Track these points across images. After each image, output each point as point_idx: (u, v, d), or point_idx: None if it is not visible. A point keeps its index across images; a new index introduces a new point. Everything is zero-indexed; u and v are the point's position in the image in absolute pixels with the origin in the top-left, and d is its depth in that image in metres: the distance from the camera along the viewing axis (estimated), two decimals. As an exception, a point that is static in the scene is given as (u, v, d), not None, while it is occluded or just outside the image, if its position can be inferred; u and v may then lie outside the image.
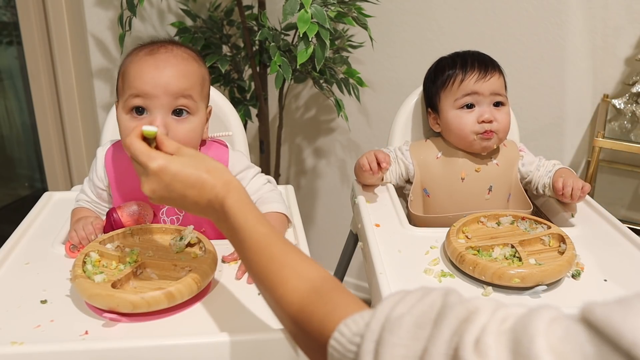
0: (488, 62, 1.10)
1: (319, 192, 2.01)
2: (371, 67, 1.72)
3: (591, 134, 1.51)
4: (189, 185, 0.62)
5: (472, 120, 1.07)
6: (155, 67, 0.83)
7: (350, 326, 0.47)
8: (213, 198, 0.61)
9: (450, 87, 1.09)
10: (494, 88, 1.07)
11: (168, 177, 0.62)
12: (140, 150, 0.64)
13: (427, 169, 1.12)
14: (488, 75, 1.08)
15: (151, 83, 0.82)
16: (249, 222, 0.60)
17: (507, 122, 1.09)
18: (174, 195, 0.63)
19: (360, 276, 2.04)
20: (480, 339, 0.36)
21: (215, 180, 0.62)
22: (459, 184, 1.10)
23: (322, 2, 1.25)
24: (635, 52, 1.40)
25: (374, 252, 0.87)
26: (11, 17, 1.60)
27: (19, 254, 0.85)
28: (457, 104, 1.08)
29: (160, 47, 0.87)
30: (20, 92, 1.70)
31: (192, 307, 0.72)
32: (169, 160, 0.63)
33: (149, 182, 0.63)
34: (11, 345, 0.64)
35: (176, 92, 0.83)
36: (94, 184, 0.95)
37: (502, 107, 1.09)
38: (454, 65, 1.10)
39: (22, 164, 1.86)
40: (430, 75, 1.16)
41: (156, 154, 0.63)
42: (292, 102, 1.91)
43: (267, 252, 0.58)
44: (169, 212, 0.93)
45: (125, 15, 1.39)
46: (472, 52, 1.13)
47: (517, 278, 0.76)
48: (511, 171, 1.12)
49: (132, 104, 0.83)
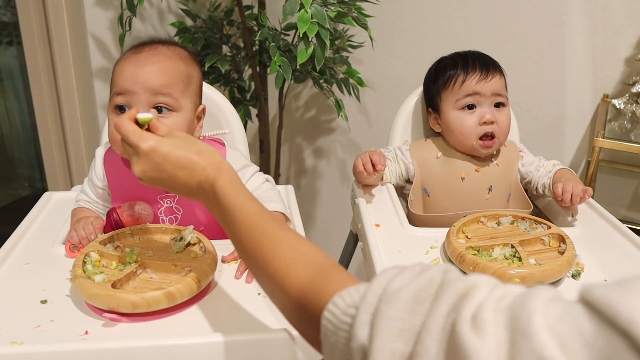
0: (489, 62, 1.10)
1: (319, 192, 2.01)
2: (371, 67, 1.72)
3: (591, 134, 1.51)
4: (179, 166, 0.62)
5: (473, 122, 1.07)
6: (136, 64, 0.85)
7: (345, 298, 0.46)
8: (204, 179, 0.62)
9: (451, 88, 1.09)
10: (495, 88, 1.07)
11: (159, 158, 0.62)
12: (131, 130, 0.64)
13: (427, 169, 1.12)
14: (489, 75, 1.07)
15: (130, 80, 0.84)
16: (239, 201, 0.60)
17: (507, 123, 1.09)
18: (165, 175, 0.63)
19: (360, 276, 2.04)
20: (478, 315, 0.36)
21: (206, 162, 0.62)
22: (458, 183, 1.10)
23: (322, 2, 1.25)
24: (635, 52, 1.40)
25: (374, 252, 0.87)
26: (11, 17, 1.60)
27: (19, 254, 0.85)
28: (459, 104, 1.08)
29: (145, 46, 0.88)
30: (20, 92, 1.70)
31: (192, 307, 0.72)
32: (160, 141, 0.63)
33: (140, 163, 0.63)
34: (11, 345, 0.64)
35: (154, 88, 0.84)
36: (93, 184, 0.95)
37: (503, 108, 1.09)
38: (455, 66, 1.10)
39: (22, 164, 1.86)
40: (430, 75, 1.16)
41: (148, 135, 0.64)
42: (292, 102, 1.91)
43: (259, 228, 0.57)
44: (167, 212, 0.93)
45: (125, 15, 1.39)
46: (473, 52, 1.13)
47: (517, 278, 0.76)
48: (511, 171, 1.12)
49: (115, 102, 0.85)
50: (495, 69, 1.09)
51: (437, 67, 1.14)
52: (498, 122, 1.07)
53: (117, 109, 0.86)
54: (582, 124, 1.53)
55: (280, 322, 0.70)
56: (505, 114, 1.09)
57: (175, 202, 0.92)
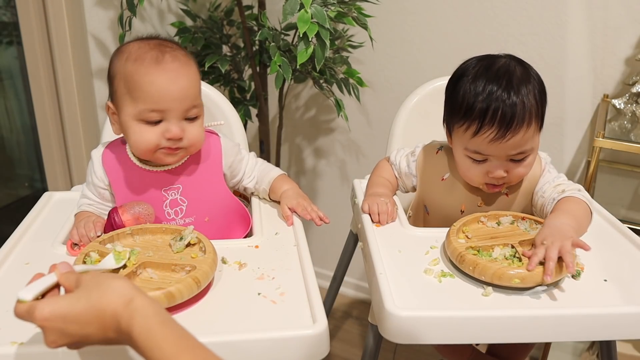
0: (515, 113, 0.87)
1: (319, 192, 2.01)
2: (371, 67, 1.72)
3: (591, 134, 1.51)
4: (85, 323, 0.55)
5: (480, 172, 0.95)
6: (168, 80, 0.85)
7: None
8: (118, 327, 0.54)
9: (462, 133, 0.93)
10: (514, 147, 0.90)
11: (59, 323, 0.54)
12: (20, 311, 0.56)
13: (430, 189, 1.05)
14: (509, 134, 0.88)
15: (167, 98, 0.86)
16: (159, 344, 0.53)
17: (524, 173, 0.95)
18: (76, 338, 0.55)
19: (360, 276, 2.04)
20: None
21: (115, 303, 0.54)
22: (457, 215, 0.99)
23: (322, 2, 1.25)
24: (635, 52, 1.40)
25: (374, 252, 0.87)
26: (11, 17, 1.60)
27: (19, 254, 0.85)
28: (466, 152, 0.95)
29: (163, 54, 0.87)
30: (20, 92, 1.69)
31: (192, 307, 0.72)
32: (52, 303, 0.55)
33: (45, 335, 0.55)
34: (11, 345, 0.64)
35: (190, 102, 0.88)
36: (94, 185, 0.95)
37: (525, 159, 0.93)
38: (471, 106, 0.90)
39: (22, 164, 1.86)
40: (449, 87, 0.98)
41: (35, 304, 0.55)
42: (292, 102, 1.91)
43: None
44: (172, 204, 0.93)
45: (125, 15, 1.39)
46: (502, 82, 0.89)
47: (517, 278, 0.76)
48: (522, 201, 1.00)
49: (149, 117, 0.86)
50: (522, 122, 0.88)
51: (456, 86, 0.95)
52: (511, 172, 0.93)
53: (149, 122, 0.87)
54: (582, 124, 1.52)
55: (281, 322, 0.70)
56: (525, 164, 0.93)
57: (179, 194, 0.93)
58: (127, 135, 0.89)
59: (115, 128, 0.92)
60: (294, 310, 0.72)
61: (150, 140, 0.87)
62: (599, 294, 0.78)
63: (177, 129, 0.87)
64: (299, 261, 0.84)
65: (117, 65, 0.89)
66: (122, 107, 0.88)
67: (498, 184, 0.96)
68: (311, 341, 0.68)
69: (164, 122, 0.87)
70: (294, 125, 1.95)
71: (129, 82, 0.86)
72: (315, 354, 0.69)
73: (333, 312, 1.98)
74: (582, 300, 0.77)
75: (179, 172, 0.94)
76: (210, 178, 0.96)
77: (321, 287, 0.78)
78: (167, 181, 0.93)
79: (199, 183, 0.95)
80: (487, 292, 0.78)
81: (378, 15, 1.59)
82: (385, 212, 0.97)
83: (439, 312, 0.74)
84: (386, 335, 0.75)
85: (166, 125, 0.87)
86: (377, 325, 0.78)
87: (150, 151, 0.88)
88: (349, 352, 1.79)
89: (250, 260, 0.84)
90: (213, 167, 0.97)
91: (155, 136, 0.87)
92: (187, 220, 0.94)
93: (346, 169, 1.92)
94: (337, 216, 2.00)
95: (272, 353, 0.67)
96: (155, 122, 0.87)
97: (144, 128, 0.87)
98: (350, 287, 2.08)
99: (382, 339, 0.82)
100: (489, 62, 0.94)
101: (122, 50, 0.89)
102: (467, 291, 0.79)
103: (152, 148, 0.88)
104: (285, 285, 0.78)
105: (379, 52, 1.68)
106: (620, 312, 0.74)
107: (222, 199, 0.97)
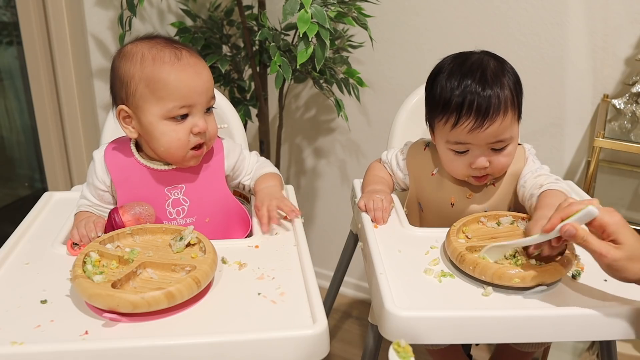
0: (491, 103, 0.91)
1: (319, 192, 2.01)
2: (371, 67, 1.72)
3: (591, 134, 1.51)
4: None
5: (463, 165, 0.97)
6: (194, 74, 0.88)
7: None
8: None
9: (442, 126, 0.96)
10: (493, 136, 0.93)
11: None
12: None
13: (422, 185, 1.07)
14: (486, 123, 0.91)
15: (194, 93, 0.88)
16: None
17: (506, 163, 0.98)
18: None
19: (360, 276, 2.04)
20: None
21: None
22: (448, 208, 1.03)
23: (322, 2, 1.25)
24: (635, 52, 1.40)
25: (374, 252, 0.87)
26: (11, 17, 1.60)
27: (19, 254, 0.85)
28: (448, 145, 0.97)
29: (180, 50, 0.89)
30: (20, 92, 1.69)
31: (192, 307, 0.72)
32: None
33: None
34: (11, 345, 0.64)
35: (212, 93, 0.92)
36: (94, 187, 0.95)
37: (505, 148, 0.96)
38: (448, 100, 0.94)
39: (22, 164, 1.86)
40: (427, 86, 1.02)
41: None
42: (292, 102, 1.91)
43: None
44: (175, 204, 0.94)
45: (125, 15, 1.39)
46: (476, 75, 0.93)
47: (517, 278, 0.76)
48: (509, 191, 1.02)
49: (179, 113, 0.88)
50: (497, 111, 0.91)
51: (433, 83, 0.99)
52: (494, 163, 0.96)
53: (178, 118, 0.89)
54: (582, 124, 1.52)
55: (281, 322, 0.70)
56: (505, 153, 0.96)
57: (182, 194, 0.94)
58: (153, 136, 0.89)
59: (129, 132, 0.91)
60: (294, 310, 0.72)
61: (182, 140, 0.89)
62: (599, 294, 0.78)
63: (203, 123, 0.90)
64: (299, 261, 0.84)
65: (131, 68, 0.87)
66: (144, 109, 0.87)
67: (481, 174, 0.98)
68: (311, 341, 0.68)
69: (189, 118, 0.89)
70: (294, 125, 1.95)
71: (151, 82, 0.86)
72: (315, 354, 0.69)
73: (333, 312, 1.98)
74: (582, 300, 0.77)
75: (183, 171, 0.94)
76: (213, 179, 0.96)
77: (321, 287, 0.78)
78: (171, 180, 0.93)
79: (202, 184, 0.95)
80: (487, 292, 0.78)
81: (378, 15, 1.59)
82: (380, 208, 0.98)
83: (439, 312, 0.74)
84: (386, 335, 0.75)
85: (192, 120, 0.89)
86: (377, 325, 0.78)
87: (183, 151, 0.90)
88: (349, 352, 1.79)
89: (250, 260, 0.84)
90: (216, 168, 0.97)
91: (185, 134, 0.89)
92: (188, 220, 0.94)
93: (346, 169, 1.92)
94: (337, 216, 2.00)
95: (272, 353, 0.67)
96: (182, 118, 0.89)
97: (172, 127, 0.88)
98: (350, 287, 2.08)
99: (382, 339, 0.82)
100: (463, 58, 0.98)
101: (131, 52, 0.88)
102: (467, 291, 0.79)
103: (184, 147, 0.90)
104: (285, 285, 0.78)
105: (379, 52, 1.68)
106: (620, 312, 0.74)
107: (223, 201, 0.97)
